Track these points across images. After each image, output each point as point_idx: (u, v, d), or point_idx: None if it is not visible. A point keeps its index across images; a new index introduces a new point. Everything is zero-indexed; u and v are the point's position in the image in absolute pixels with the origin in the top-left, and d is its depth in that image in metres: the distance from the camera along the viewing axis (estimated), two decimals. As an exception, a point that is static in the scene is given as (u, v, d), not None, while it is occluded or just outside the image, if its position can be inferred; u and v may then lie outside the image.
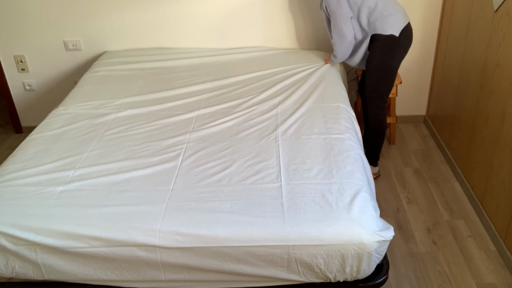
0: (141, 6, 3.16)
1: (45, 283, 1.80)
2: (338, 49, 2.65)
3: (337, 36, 2.58)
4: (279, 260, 1.66)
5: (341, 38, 2.58)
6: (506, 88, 2.27)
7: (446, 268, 2.29)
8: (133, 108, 2.49)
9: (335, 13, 2.50)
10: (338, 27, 2.54)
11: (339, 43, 2.61)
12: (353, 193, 1.79)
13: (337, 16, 2.51)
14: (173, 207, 1.75)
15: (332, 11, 2.51)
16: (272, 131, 2.23)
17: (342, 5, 2.48)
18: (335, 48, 2.66)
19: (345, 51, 2.64)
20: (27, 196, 1.83)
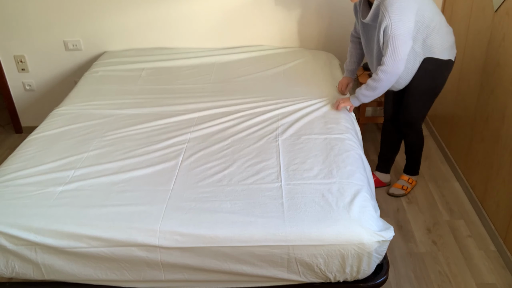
0: (141, 6, 3.16)
1: (45, 283, 1.80)
2: (384, 80, 2.14)
3: (391, 64, 2.08)
4: (279, 260, 1.66)
5: (395, 67, 2.09)
6: (506, 88, 2.27)
7: (446, 268, 2.29)
8: (133, 108, 2.49)
9: (397, 37, 2.02)
10: (397, 55, 2.06)
11: (390, 72, 2.11)
12: (353, 193, 1.79)
13: (400, 41, 2.03)
14: (173, 207, 1.75)
15: (394, 35, 2.03)
16: (272, 131, 2.23)
17: (409, 27, 2.04)
18: (381, 77, 2.14)
19: (390, 83, 2.18)
20: (27, 196, 1.83)
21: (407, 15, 2.01)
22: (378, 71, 2.13)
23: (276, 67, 2.91)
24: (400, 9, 1.99)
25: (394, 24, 2.00)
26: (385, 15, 2.01)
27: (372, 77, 2.19)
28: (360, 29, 2.34)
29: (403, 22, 2.01)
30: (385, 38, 2.06)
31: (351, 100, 2.32)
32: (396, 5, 1.99)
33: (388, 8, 2.00)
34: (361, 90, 2.26)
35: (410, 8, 2.02)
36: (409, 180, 2.77)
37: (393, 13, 1.99)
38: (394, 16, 1.99)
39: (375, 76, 2.17)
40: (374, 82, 2.18)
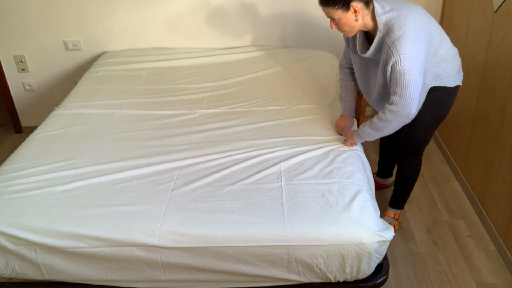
0: (141, 6, 3.16)
1: (45, 283, 1.80)
2: (392, 121, 1.87)
3: (402, 104, 1.81)
4: (279, 260, 1.66)
5: (407, 108, 1.82)
6: (506, 88, 2.27)
7: (446, 268, 2.28)
8: (133, 108, 2.49)
9: (408, 74, 1.77)
10: (409, 94, 1.79)
11: (400, 113, 1.84)
12: (353, 193, 1.79)
13: (411, 78, 1.77)
14: (173, 207, 1.75)
15: (404, 71, 1.77)
16: (273, 131, 2.22)
17: (420, 62, 1.80)
18: (389, 117, 1.87)
19: (399, 125, 1.91)
20: (27, 196, 1.84)
21: (418, 47, 1.78)
22: (386, 110, 1.86)
23: (276, 67, 2.91)
24: (410, 42, 1.76)
25: (404, 59, 1.76)
26: (393, 50, 1.77)
27: (379, 116, 1.92)
28: (355, 62, 2.11)
29: (414, 56, 1.77)
30: (393, 74, 1.80)
31: (354, 136, 2.06)
32: (404, 37, 1.76)
33: (396, 42, 1.76)
34: (365, 127, 2.00)
35: (420, 39, 1.79)
36: (395, 216, 2.51)
37: (401, 46, 1.75)
38: (403, 50, 1.75)
39: (382, 116, 1.90)
40: (380, 122, 1.91)
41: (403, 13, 1.81)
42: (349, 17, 1.82)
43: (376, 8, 1.84)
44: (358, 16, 1.82)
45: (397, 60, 1.76)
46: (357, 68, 2.12)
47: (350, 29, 1.87)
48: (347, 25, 1.85)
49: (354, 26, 1.86)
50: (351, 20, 1.83)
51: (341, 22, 1.84)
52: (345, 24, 1.85)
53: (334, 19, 1.84)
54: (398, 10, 1.83)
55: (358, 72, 2.13)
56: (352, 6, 1.79)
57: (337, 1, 1.78)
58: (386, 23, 1.82)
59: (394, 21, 1.80)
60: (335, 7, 1.80)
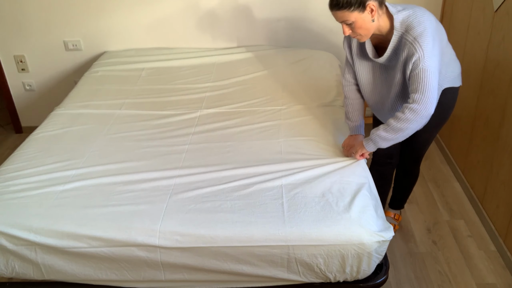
0: (141, 6, 3.16)
1: (45, 283, 1.80)
2: (413, 121, 1.76)
3: (424, 101, 1.73)
4: (279, 260, 1.66)
5: (428, 107, 1.74)
6: (506, 88, 2.27)
7: (446, 268, 2.29)
8: (133, 109, 2.49)
9: (430, 71, 1.72)
10: (430, 91, 1.73)
11: (421, 111, 1.75)
12: (353, 193, 1.78)
13: (433, 76, 1.72)
14: (173, 207, 1.75)
15: (427, 68, 1.71)
16: (274, 131, 2.22)
17: (439, 60, 1.77)
18: (409, 116, 1.76)
19: (418, 126, 1.80)
20: (28, 196, 1.83)
21: (436, 45, 1.75)
22: (406, 109, 1.75)
23: (276, 67, 2.91)
24: (431, 38, 1.72)
25: (427, 56, 1.70)
26: (416, 46, 1.71)
27: (397, 116, 1.79)
28: (363, 72, 2.00)
29: (434, 54, 1.73)
30: (414, 71, 1.73)
31: (365, 144, 1.92)
32: (426, 33, 1.72)
33: (419, 38, 1.71)
34: (379, 131, 1.85)
35: (436, 37, 1.76)
36: (395, 216, 2.52)
37: (424, 42, 1.70)
38: (426, 46, 1.70)
39: (401, 116, 1.77)
40: (399, 123, 1.78)
41: (418, 11, 1.78)
42: (366, 18, 1.73)
43: (390, 8, 1.79)
44: (375, 16, 1.73)
45: (421, 56, 1.70)
46: (364, 77, 2.00)
47: (366, 32, 1.77)
48: (363, 27, 1.74)
49: (370, 28, 1.76)
50: (368, 21, 1.74)
51: (357, 24, 1.73)
52: (361, 26, 1.74)
53: (349, 23, 1.73)
54: (411, 8, 1.80)
55: (366, 82, 2.01)
56: (368, 5, 1.70)
57: (353, 2, 1.68)
58: (403, 21, 1.76)
59: (412, 18, 1.75)
60: (351, 9, 1.70)
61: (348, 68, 2.08)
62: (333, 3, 1.72)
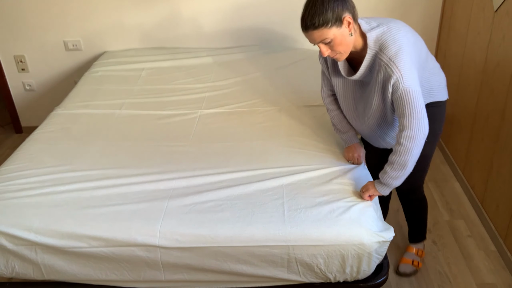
0: (141, 6, 3.16)
1: (45, 283, 1.80)
2: (413, 148, 1.66)
3: (416, 125, 1.64)
4: (279, 260, 1.66)
5: (421, 128, 1.64)
6: (506, 88, 2.27)
7: (446, 268, 2.29)
8: (133, 109, 2.49)
9: (413, 90, 1.62)
10: (419, 111, 1.63)
11: (417, 136, 1.65)
12: (353, 194, 1.78)
13: (416, 94, 1.62)
14: (174, 207, 1.75)
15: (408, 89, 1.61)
16: (275, 131, 2.22)
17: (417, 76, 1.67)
18: (408, 145, 1.66)
19: (420, 150, 1.69)
20: (28, 196, 1.83)
21: (413, 63, 1.66)
22: (402, 139, 1.66)
23: (277, 66, 2.91)
24: (407, 56, 1.63)
25: (405, 76, 1.61)
26: (392, 67, 1.61)
27: (396, 151, 1.69)
28: (338, 88, 1.91)
29: (413, 72, 1.63)
30: (396, 94, 1.63)
31: (378, 189, 1.77)
32: (401, 52, 1.62)
33: (394, 58, 1.62)
34: (388, 173, 1.73)
35: (413, 53, 1.67)
36: (418, 252, 2.29)
37: (400, 62, 1.61)
38: (403, 66, 1.61)
39: (399, 149, 1.67)
40: (401, 156, 1.68)
41: (393, 27, 1.68)
42: (344, 33, 1.62)
43: (362, 25, 1.68)
44: (352, 29, 1.63)
45: (399, 77, 1.61)
46: (341, 94, 1.91)
47: (345, 49, 1.66)
48: (342, 43, 1.63)
49: (349, 43, 1.65)
50: (346, 36, 1.62)
51: (336, 41, 1.62)
52: (340, 43, 1.63)
53: (328, 41, 1.61)
54: (386, 24, 1.69)
55: (342, 98, 1.92)
56: (345, 18, 1.59)
57: (329, 18, 1.57)
58: (377, 39, 1.66)
59: (386, 36, 1.65)
60: (328, 26, 1.58)
61: (324, 80, 2.01)
62: (308, 23, 1.59)
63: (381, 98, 1.72)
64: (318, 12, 1.56)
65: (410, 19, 3.19)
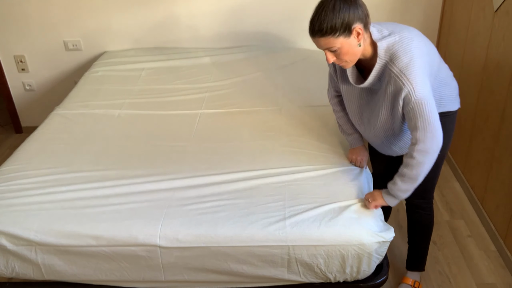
0: (141, 6, 3.16)
1: (45, 283, 1.80)
2: (426, 162, 1.61)
3: (430, 138, 1.58)
4: (279, 260, 1.66)
5: (436, 141, 1.59)
6: (506, 88, 2.27)
7: (446, 268, 2.29)
8: (133, 109, 2.49)
9: (426, 102, 1.55)
10: (433, 124, 1.57)
11: (430, 149, 1.59)
12: (354, 195, 1.78)
13: (430, 107, 1.56)
14: (174, 207, 1.75)
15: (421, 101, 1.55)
16: (275, 131, 2.22)
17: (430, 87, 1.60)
18: (421, 159, 1.60)
19: (432, 164, 1.64)
20: (28, 196, 1.83)
21: (425, 73, 1.59)
22: (414, 153, 1.60)
23: (277, 66, 2.91)
24: (419, 67, 1.56)
25: (418, 88, 1.54)
26: (403, 79, 1.55)
27: (407, 163, 1.63)
28: (346, 93, 1.85)
29: (425, 83, 1.57)
30: (407, 107, 1.57)
31: (386, 200, 1.73)
32: (413, 63, 1.56)
33: (405, 69, 1.55)
34: (397, 185, 1.68)
35: (426, 64, 1.61)
36: (414, 284, 2.16)
37: (412, 74, 1.54)
38: (415, 77, 1.54)
39: (411, 162, 1.61)
40: (413, 170, 1.62)
41: (406, 36, 1.60)
42: (352, 43, 1.55)
43: (373, 33, 1.61)
44: (361, 40, 1.56)
45: (411, 90, 1.54)
46: (348, 99, 1.85)
47: (352, 58, 1.60)
48: (349, 53, 1.57)
49: (357, 52, 1.59)
50: (354, 46, 1.56)
51: (343, 51, 1.56)
52: (347, 52, 1.57)
53: (334, 49, 1.56)
54: (398, 33, 1.61)
55: (349, 104, 1.86)
56: (354, 29, 1.52)
57: (337, 28, 1.50)
58: (388, 48, 1.59)
59: (397, 46, 1.58)
60: (336, 35, 1.51)
61: (331, 81, 1.96)
62: (315, 29, 1.52)
63: (390, 111, 1.66)
64: (327, 19, 1.49)
65: (410, 19, 3.19)
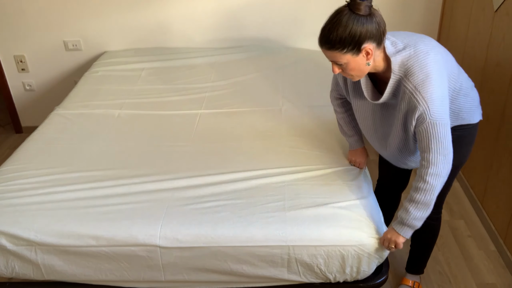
0: (141, 6, 3.16)
1: (45, 283, 1.80)
2: (438, 186, 1.54)
3: (442, 161, 1.50)
4: (280, 261, 1.66)
5: (447, 164, 1.52)
6: (506, 88, 2.27)
7: (446, 268, 2.29)
8: (133, 109, 2.49)
9: (440, 123, 1.47)
10: (446, 147, 1.50)
11: (442, 172, 1.52)
12: (354, 195, 1.78)
13: (444, 128, 1.48)
14: (174, 207, 1.75)
15: (435, 122, 1.47)
16: (275, 132, 2.22)
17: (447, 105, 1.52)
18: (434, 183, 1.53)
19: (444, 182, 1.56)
20: (28, 196, 1.83)
21: (443, 90, 1.49)
22: (427, 176, 1.51)
23: (277, 66, 2.91)
24: (436, 84, 1.46)
25: (433, 108, 1.45)
26: (418, 97, 1.45)
27: (419, 188, 1.55)
28: (358, 108, 1.76)
29: (442, 101, 1.47)
30: (420, 127, 1.49)
31: (401, 232, 1.62)
32: (429, 80, 1.46)
33: (420, 87, 1.45)
34: (411, 214, 1.58)
35: (444, 78, 1.51)
36: (414, 285, 2.13)
37: (428, 92, 1.45)
38: (430, 96, 1.45)
39: (423, 186, 1.53)
40: (427, 195, 1.54)
41: (421, 50, 1.50)
42: (360, 61, 1.47)
43: (387, 47, 1.51)
44: (370, 59, 1.47)
45: (425, 109, 1.45)
46: (361, 115, 1.75)
47: (358, 73, 1.52)
48: (356, 69, 1.49)
49: (364, 70, 1.50)
50: (362, 64, 1.48)
51: (349, 66, 1.48)
52: (353, 68, 1.49)
53: (340, 63, 1.48)
54: (413, 46, 1.51)
55: (363, 119, 1.76)
56: (364, 49, 1.43)
57: (346, 44, 1.41)
58: (402, 63, 1.49)
59: (413, 61, 1.48)
60: (343, 51, 1.43)
61: (335, 85, 1.87)
62: (323, 40, 1.44)
63: (402, 127, 1.58)
64: (337, 32, 1.40)
65: (410, 19, 3.19)
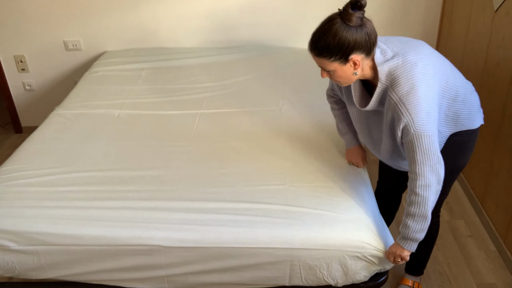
0: (141, 6, 3.16)
1: (45, 283, 1.80)
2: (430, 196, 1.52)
3: (429, 172, 1.48)
4: (282, 263, 1.66)
5: (435, 173, 1.50)
6: (506, 88, 2.27)
7: (446, 268, 2.29)
8: (133, 109, 2.49)
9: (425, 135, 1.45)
10: (432, 157, 1.47)
11: (431, 183, 1.50)
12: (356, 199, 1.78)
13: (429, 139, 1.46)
14: (177, 207, 1.75)
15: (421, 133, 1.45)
16: (276, 132, 2.22)
17: (435, 116, 1.49)
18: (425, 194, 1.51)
19: (437, 195, 1.55)
20: (29, 196, 1.83)
21: (431, 101, 1.46)
22: (417, 189, 1.50)
23: (277, 66, 2.91)
24: (422, 96, 1.44)
25: (418, 119, 1.43)
26: (401, 109, 1.44)
27: (411, 202, 1.54)
28: (352, 113, 1.76)
29: (428, 113, 1.45)
30: (406, 138, 1.47)
31: (405, 246, 1.60)
32: (414, 92, 1.44)
33: (404, 98, 1.44)
34: (410, 228, 1.57)
35: (432, 88, 1.48)
36: (414, 285, 2.13)
37: (411, 104, 1.43)
38: (414, 108, 1.43)
39: (415, 199, 1.52)
40: (420, 207, 1.53)
41: (409, 60, 1.48)
42: (347, 70, 1.48)
43: (376, 56, 1.50)
44: (358, 69, 1.48)
45: (409, 121, 1.43)
46: (355, 119, 1.76)
47: (346, 81, 1.53)
48: (343, 77, 1.51)
49: (351, 78, 1.52)
50: (349, 73, 1.49)
51: (337, 74, 1.50)
52: (340, 76, 1.51)
53: (328, 70, 1.50)
54: (402, 55, 1.50)
55: (357, 124, 1.77)
56: (351, 59, 1.44)
57: (333, 52, 1.42)
58: (389, 73, 1.48)
59: (399, 71, 1.47)
60: (331, 59, 1.44)
61: (331, 83, 1.87)
62: (312, 46, 1.46)
63: (390, 135, 1.58)
64: (326, 41, 1.41)
65: (410, 19, 3.19)
